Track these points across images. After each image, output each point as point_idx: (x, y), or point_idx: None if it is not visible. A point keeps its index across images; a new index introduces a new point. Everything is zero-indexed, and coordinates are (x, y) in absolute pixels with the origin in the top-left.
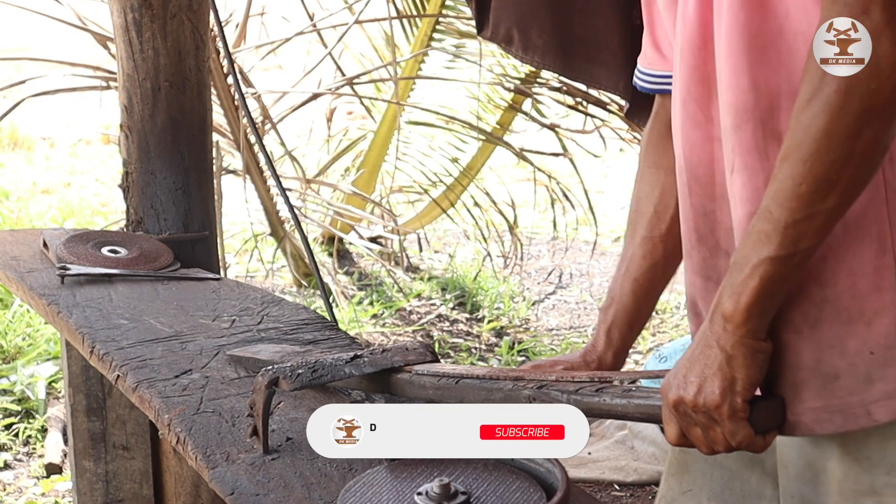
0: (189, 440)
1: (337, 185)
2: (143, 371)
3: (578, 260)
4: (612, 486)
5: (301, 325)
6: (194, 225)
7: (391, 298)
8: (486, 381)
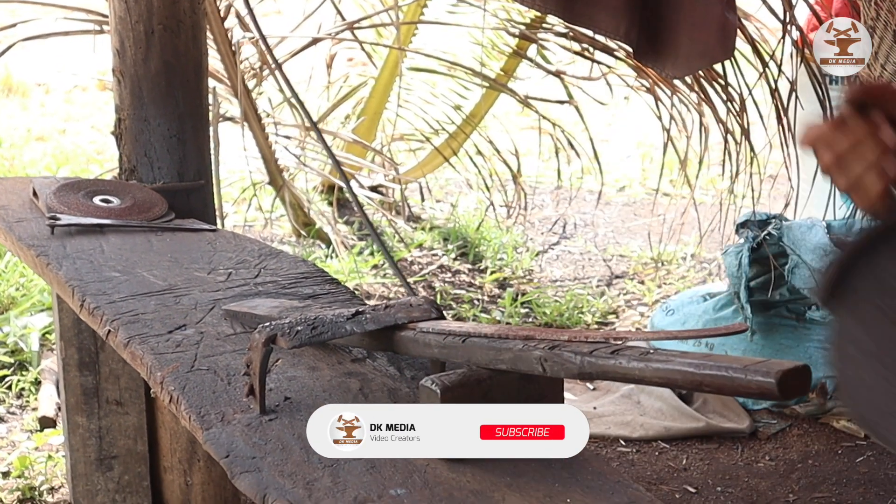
0: (182, 399)
1: (337, 133)
2: (136, 326)
3: (583, 210)
4: (618, 442)
5: (300, 279)
6: (189, 174)
7: (392, 248)
8: (495, 340)
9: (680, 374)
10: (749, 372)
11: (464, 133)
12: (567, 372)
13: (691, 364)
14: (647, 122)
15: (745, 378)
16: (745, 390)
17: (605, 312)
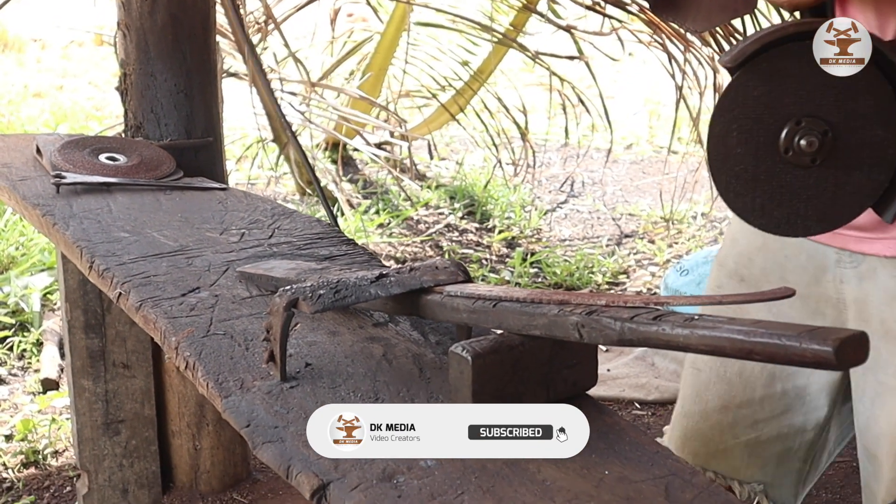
0: (199, 365)
1: (342, 89)
2: (147, 289)
3: (591, 168)
4: (633, 405)
5: (315, 239)
6: (197, 130)
7: (398, 207)
8: (528, 304)
9: (728, 342)
10: (804, 339)
11: (471, 89)
12: (606, 339)
13: (741, 331)
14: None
15: (799, 346)
16: (799, 359)
17: (616, 272)
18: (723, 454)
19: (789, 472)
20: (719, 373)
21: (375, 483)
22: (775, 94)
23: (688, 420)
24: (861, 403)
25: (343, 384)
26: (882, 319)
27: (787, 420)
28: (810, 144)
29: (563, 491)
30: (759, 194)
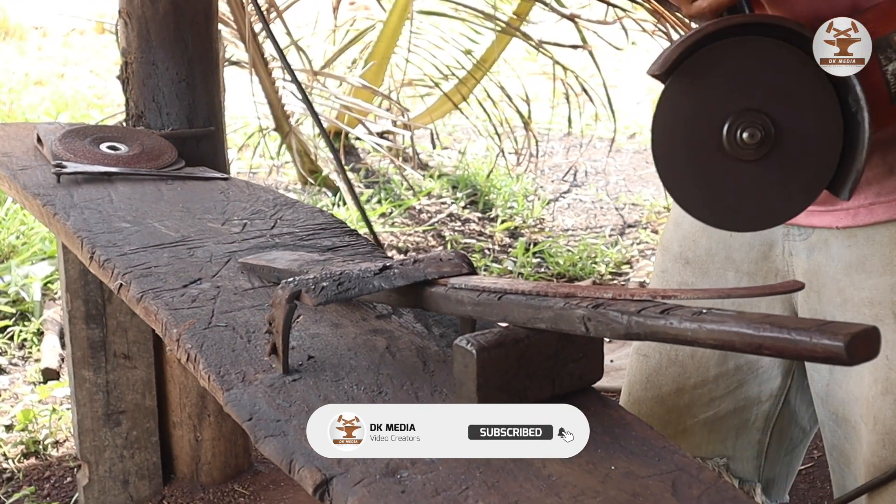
0: (200, 358)
1: (344, 78)
2: (148, 280)
3: (594, 157)
4: None
5: (318, 230)
6: (199, 119)
7: (400, 197)
8: (533, 297)
9: (737, 336)
10: (814, 334)
11: (474, 78)
12: (613, 332)
13: (750, 325)
14: None
15: (810, 341)
16: (809, 354)
17: (619, 262)
18: (682, 434)
19: (749, 444)
20: (670, 357)
21: (379, 478)
22: (709, 95)
23: (639, 406)
24: (816, 371)
25: (346, 377)
26: (840, 289)
27: (742, 393)
28: (752, 136)
29: (568, 486)
30: (709, 193)
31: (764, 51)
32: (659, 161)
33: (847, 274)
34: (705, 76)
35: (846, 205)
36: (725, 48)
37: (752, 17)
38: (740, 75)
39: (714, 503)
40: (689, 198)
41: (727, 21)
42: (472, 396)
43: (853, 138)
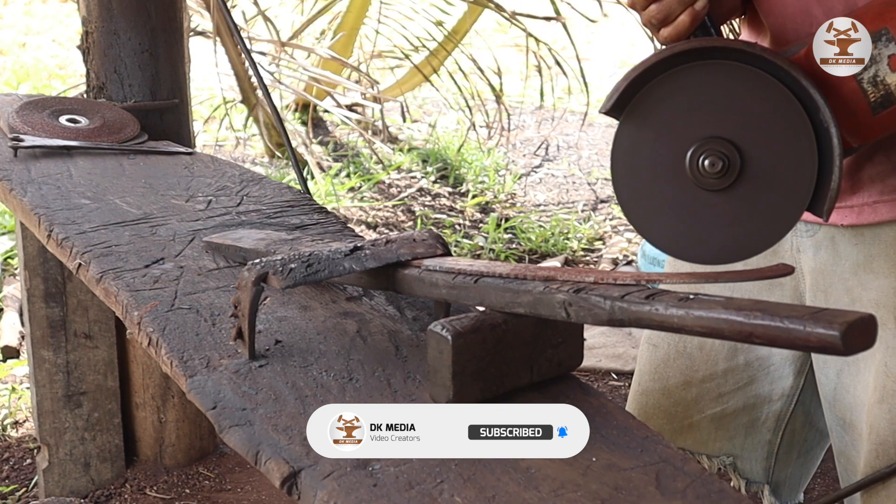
0: (163, 342)
1: (312, 49)
2: (109, 259)
3: (566, 131)
4: (610, 375)
5: (286, 207)
6: (163, 92)
7: (369, 171)
8: (511, 280)
9: (726, 324)
10: (808, 322)
11: (445, 50)
12: (594, 318)
13: (740, 313)
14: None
15: (803, 330)
16: (803, 343)
17: (592, 238)
18: (689, 429)
19: (758, 445)
20: (678, 348)
21: (350, 470)
22: (667, 127)
23: (647, 398)
24: (824, 374)
25: (315, 363)
26: (848, 288)
27: (752, 391)
28: (713, 165)
29: (548, 479)
30: (679, 227)
31: (719, 75)
32: (624, 202)
33: (855, 273)
34: (660, 108)
35: (851, 202)
36: (677, 77)
37: (698, 42)
38: (698, 103)
39: (700, 496)
40: (661, 235)
41: (670, 50)
42: (447, 384)
43: (827, 156)
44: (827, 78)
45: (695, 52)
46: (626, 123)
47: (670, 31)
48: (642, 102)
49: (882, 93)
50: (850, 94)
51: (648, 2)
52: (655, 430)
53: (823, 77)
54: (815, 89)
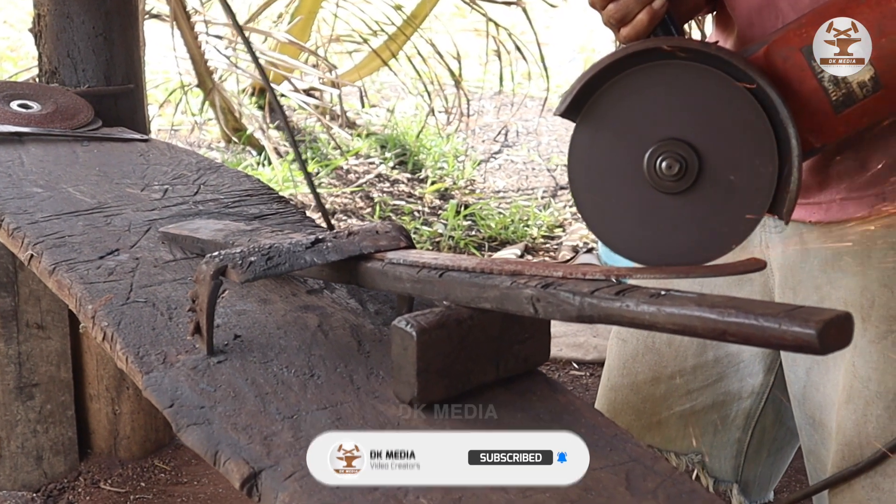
0: (118, 337)
1: (269, 33)
2: (62, 250)
3: (525, 117)
4: (571, 365)
5: (244, 197)
6: (117, 76)
7: (327, 156)
8: (477, 274)
9: (700, 322)
10: (783, 320)
11: (404, 34)
12: (563, 314)
13: (713, 310)
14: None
15: (779, 328)
16: (778, 342)
17: (552, 226)
18: (657, 426)
19: (728, 443)
20: (647, 343)
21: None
22: (624, 129)
23: (615, 393)
24: (793, 372)
25: (275, 358)
26: (817, 286)
27: (721, 388)
28: (670, 167)
29: None
30: (639, 232)
31: (676, 76)
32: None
33: (824, 271)
34: (616, 109)
35: (819, 198)
36: (634, 78)
37: (654, 42)
38: (654, 104)
39: (670, 496)
40: (620, 239)
41: (626, 51)
42: (412, 381)
43: (787, 156)
44: (787, 77)
45: (651, 53)
46: (583, 125)
47: (629, 31)
48: (598, 104)
49: (844, 91)
50: (811, 93)
51: (607, 1)
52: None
53: (783, 77)
54: (773, 89)
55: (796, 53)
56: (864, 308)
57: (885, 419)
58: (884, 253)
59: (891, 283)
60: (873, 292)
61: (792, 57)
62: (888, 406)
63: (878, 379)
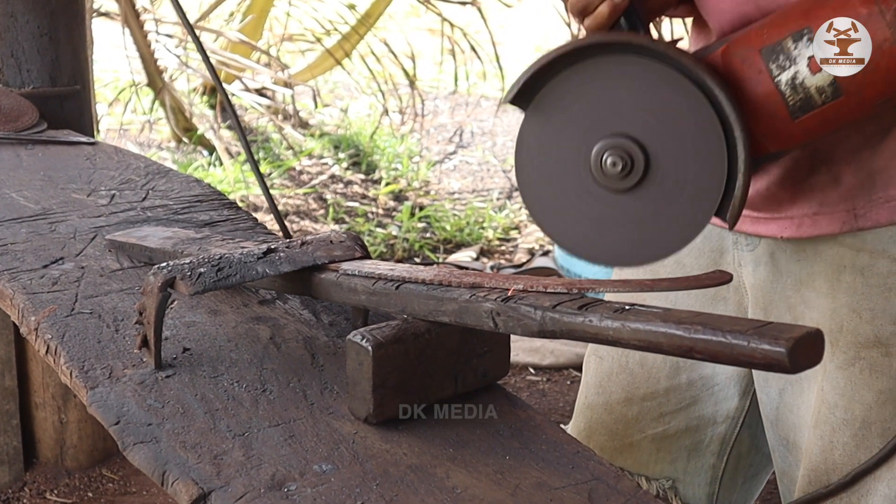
0: (62, 350)
1: (221, 31)
2: (4, 259)
3: (480, 117)
4: (527, 370)
5: (194, 203)
6: (63, 77)
7: (279, 157)
8: (435, 287)
9: (665, 338)
10: (752, 338)
11: (357, 34)
12: (524, 329)
13: (680, 326)
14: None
15: (747, 346)
16: (747, 360)
17: (507, 228)
18: (629, 449)
19: (702, 469)
20: (621, 362)
21: (263, 492)
22: (572, 123)
23: (592, 412)
24: (766, 393)
25: (226, 372)
26: (790, 306)
27: (695, 412)
28: (615, 164)
29: (475, 500)
30: (579, 226)
31: (626, 71)
32: (526, 196)
33: (797, 290)
34: (565, 101)
35: (790, 213)
36: (584, 70)
37: (604, 36)
38: (603, 99)
39: None
40: (564, 234)
41: (579, 42)
42: (367, 398)
43: (734, 160)
44: (743, 79)
45: (603, 46)
46: (532, 115)
47: (590, 22)
48: (549, 94)
49: (801, 97)
50: (767, 96)
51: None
52: (598, 446)
53: (739, 78)
54: (722, 90)
55: (755, 54)
56: (833, 332)
57: (852, 447)
58: (853, 276)
59: (859, 308)
60: (842, 317)
61: (750, 58)
62: (854, 434)
63: (845, 406)
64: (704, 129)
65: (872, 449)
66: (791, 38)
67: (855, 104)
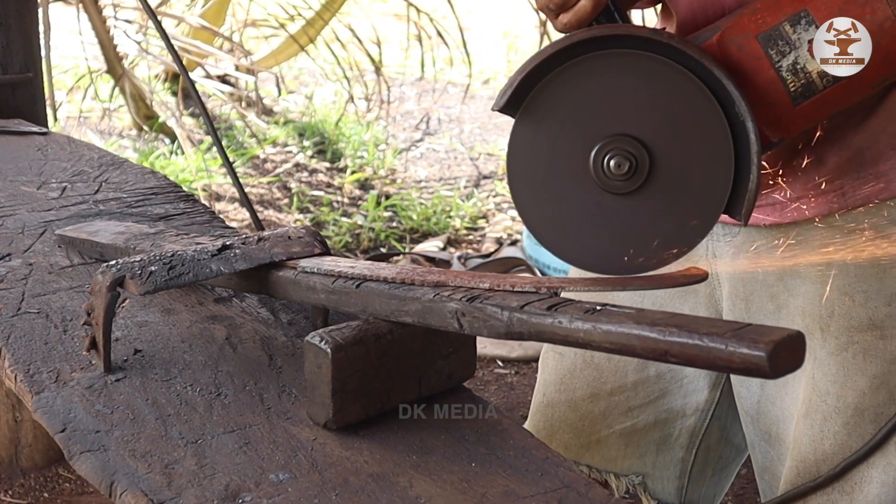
0: (6, 352)
1: (182, 17)
2: None
3: (447, 104)
4: (495, 363)
5: (148, 195)
6: (14, 65)
7: (243, 145)
8: (398, 286)
9: (638, 341)
10: (731, 341)
11: (322, 19)
12: (490, 330)
13: (654, 328)
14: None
15: (725, 349)
16: (724, 364)
17: (475, 217)
18: (596, 445)
19: (671, 463)
20: (585, 358)
21: (217, 503)
22: (568, 123)
23: (553, 410)
24: (745, 387)
25: (179, 375)
26: (772, 295)
27: (664, 405)
28: (619, 165)
29: None
30: (580, 234)
31: (624, 66)
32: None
33: (780, 278)
34: (559, 103)
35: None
36: (578, 68)
37: (600, 30)
38: (601, 97)
39: None
40: (564, 244)
41: (569, 39)
42: (326, 402)
43: (744, 154)
44: (742, 67)
45: (596, 41)
46: (523, 121)
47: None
48: (540, 97)
49: (803, 81)
50: (769, 84)
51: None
52: (561, 445)
53: (738, 66)
54: (730, 80)
55: (752, 41)
56: (823, 318)
57: (843, 436)
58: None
59: (851, 290)
60: (833, 301)
61: (747, 45)
62: (846, 422)
63: (837, 393)
64: (709, 123)
65: (865, 436)
66: (788, 22)
67: (856, 86)
